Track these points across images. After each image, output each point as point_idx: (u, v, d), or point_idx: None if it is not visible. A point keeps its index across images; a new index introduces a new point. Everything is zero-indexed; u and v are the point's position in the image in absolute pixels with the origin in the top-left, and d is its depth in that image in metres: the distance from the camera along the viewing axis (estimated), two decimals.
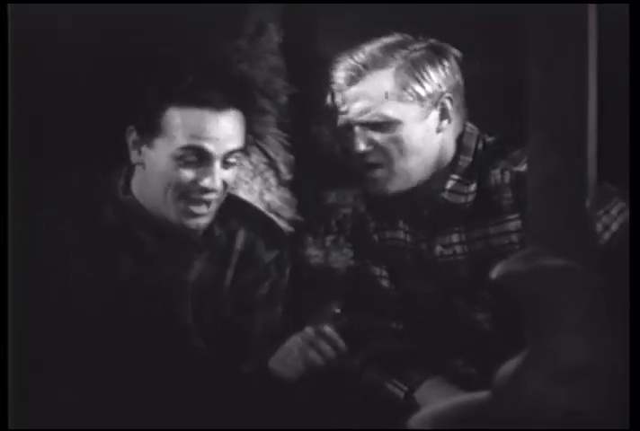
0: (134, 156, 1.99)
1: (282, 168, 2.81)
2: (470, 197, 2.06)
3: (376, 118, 2.01)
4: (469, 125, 2.11)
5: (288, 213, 2.80)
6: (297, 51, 2.76)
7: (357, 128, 2.03)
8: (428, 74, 2.01)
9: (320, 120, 2.84)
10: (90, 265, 2.00)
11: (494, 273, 1.18)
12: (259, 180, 2.78)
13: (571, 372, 1.03)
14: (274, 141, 2.79)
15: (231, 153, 2.00)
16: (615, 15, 1.23)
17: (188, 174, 1.97)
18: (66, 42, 2.28)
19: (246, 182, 2.77)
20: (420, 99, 2.01)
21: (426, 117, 2.03)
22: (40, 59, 2.31)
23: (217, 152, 1.98)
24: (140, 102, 1.98)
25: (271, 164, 2.80)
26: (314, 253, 2.88)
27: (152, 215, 2.03)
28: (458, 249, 2.08)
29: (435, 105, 2.02)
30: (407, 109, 2.01)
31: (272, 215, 2.76)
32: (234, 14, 2.62)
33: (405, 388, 2.09)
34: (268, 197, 2.80)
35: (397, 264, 2.20)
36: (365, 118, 2.02)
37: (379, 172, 2.06)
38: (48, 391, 1.91)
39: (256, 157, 2.76)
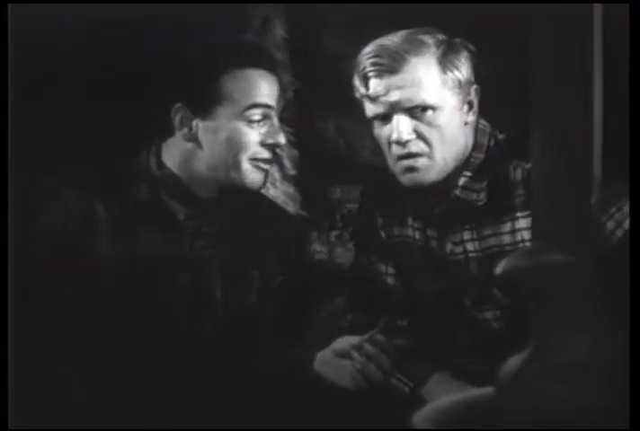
0: (184, 134, 2.02)
1: (287, 163, 2.81)
2: (482, 194, 2.05)
3: (419, 105, 2.00)
4: (482, 121, 2.10)
5: (293, 208, 2.80)
6: (302, 46, 2.77)
7: (397, 117, 2.02)
8: (461, 62, 2.01)
9: (325, 116, 2.85)
10: (120, 244, 2.03)
11: (499, 268, 1.19)
12: None
13: (574, 369, 1.03)
14: None
15: (282, 109, 2.09)
16: (617, 15, 1.23)
17: (254, 135, 2.03)
18: (66, 42, 2.28)
19: None
20: (459, 86, 2.00)
21: (462, 106, 2.03)
22: (39, 59, 2.31)
23: (277, 107, 2.06)
24: (190, 76, 2.00)
25: (276, 159, 2.80)
26: (318, 248, 2.88)
27: (187, 187, 2.06)
28: (470, 246, 2.08)
29: (468, 95, 2.03)
30: (448, 96, 2.00)
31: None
32: (240, 10, 2.62)
33: (411, 384, 2.09)
34: (272, 192, 2.80)
35: (405, 261, 2.19)
36: (408, 105, 2.00)
37: (420, 161, 2.04)
38: (49, 391, 1.91)
39: None
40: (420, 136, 2.01)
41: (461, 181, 2.05)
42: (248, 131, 2.02)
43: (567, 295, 1.14)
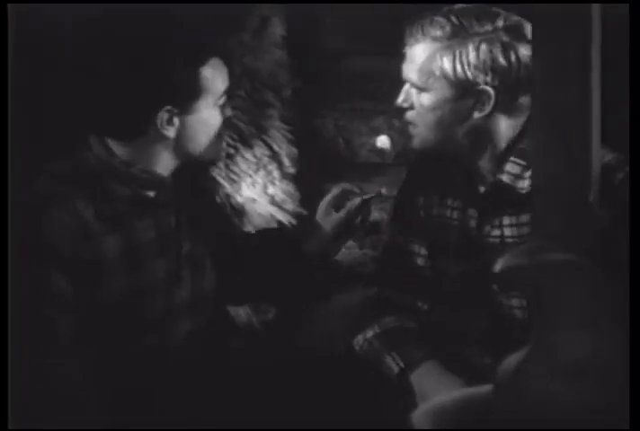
0: (169, 132, 2.05)
1: (286, 161, 2.82)
2: (527, 182, 2.05)
3: (407, 81, 2.06)
4: None
5: (292, 206, 2.81)
6: (300, 45, 2.77)
7: (406, 84, 2.08)
8: (467, 60, 2.00)
9: (324, 114, 2.86)
10: (112, 240, 2.03)
11: (497, 266, 1.19)
12: (262, 173, 2.79)
13: (573, 368, 1.04)
14: (278, 134, 2.80)
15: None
16: (616, 15, 1.24)
17: (221, 113, 2.12)
18: (66, 42, 2.28)
19: (250, 175, 2.78)
20: (448, 79, 2.01)
21: (455, 100, 2.03)
22: (40, 59, 2.31)
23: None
24: (173, 75, 2.02)
25: (275, 157, 2.81)
26: None
27: (156, 174, 2.09)
28: (507, 231, 2.09)
29: (467, 93, 2.02)
30: (436, 84, 2.02)
31: (275, 208, 2.78)
32: (238, 9, 2.62)
33: (402, 364, 2.11)
34: (271, 190, 2.81)
35: (439, 242, 2.22)
36: (404, 76, 2.07)
37: (412, 129, 2.11)
38: (49, 391, 1.91)
39: (260, 150, 2.77)
40: (411, 107, 2.07)
41: (507, 166, 2.06)
42: (218, 114, 2.10)
43: (567, 294, 1.15)
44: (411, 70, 2.05)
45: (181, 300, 2.12)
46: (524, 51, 1.99)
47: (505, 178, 2.05)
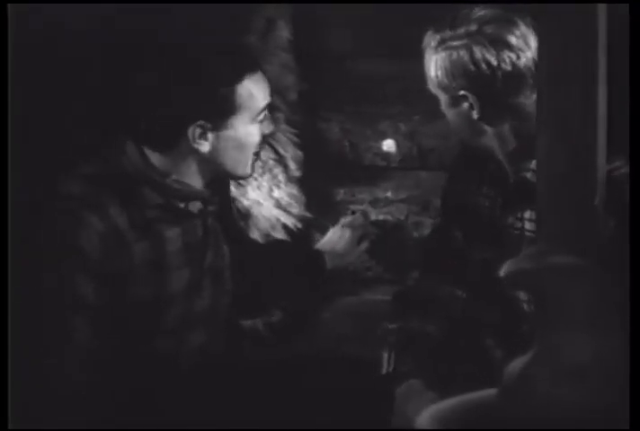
0: (203, 147, 2.05)
1: (291, 164, 2.82)
2: None
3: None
4: None
5: (297, 209, 2.80)
6: (306, 48, 2.77)
7: None
8: (443, 67, 2.05)
9: (329, 117, 2.86)
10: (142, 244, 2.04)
11: (503, 271, 1.19)
12: (268, 176, 2.79)
13: (576, 369, 1.03)
14: (283, 137, 2.80)
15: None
16: (621, 16, 1.23)
17: (260, 130, 2.11)
18: (66, 42, 2.28)
19: (255, 179, 2.78)
20: (439, 86, 2.08)
21: (452, 104, 2.09)
22: (40, 59, 2.31)
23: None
24: (208, 91, 2.01)
25: (281, 161, 2.80)
26: None
27: (190, 186, 2.09)
28: (528, 225, 2.11)
29: (456, 98, 2.07)
30: (438, 91, 2.10)
31: (280, 212, 2.78)
32: (244, 11, 2.62)
33: (391, 369, 2.14)
34: (277, 193, 2.81)
35: (472, 228, 2.24)
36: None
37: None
38: (49, 391, 1.91)
39: (265, 153, 2.76)
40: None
41: (532, 164, 2.07)
42: (256, 131, 2.08)
43: (571, 297, 1.14)
44: (427, 81, 2.11)
45: (201, 309, 2.12)
46: (503, 56, 2.01)
47: (530, 175, 2.07)
